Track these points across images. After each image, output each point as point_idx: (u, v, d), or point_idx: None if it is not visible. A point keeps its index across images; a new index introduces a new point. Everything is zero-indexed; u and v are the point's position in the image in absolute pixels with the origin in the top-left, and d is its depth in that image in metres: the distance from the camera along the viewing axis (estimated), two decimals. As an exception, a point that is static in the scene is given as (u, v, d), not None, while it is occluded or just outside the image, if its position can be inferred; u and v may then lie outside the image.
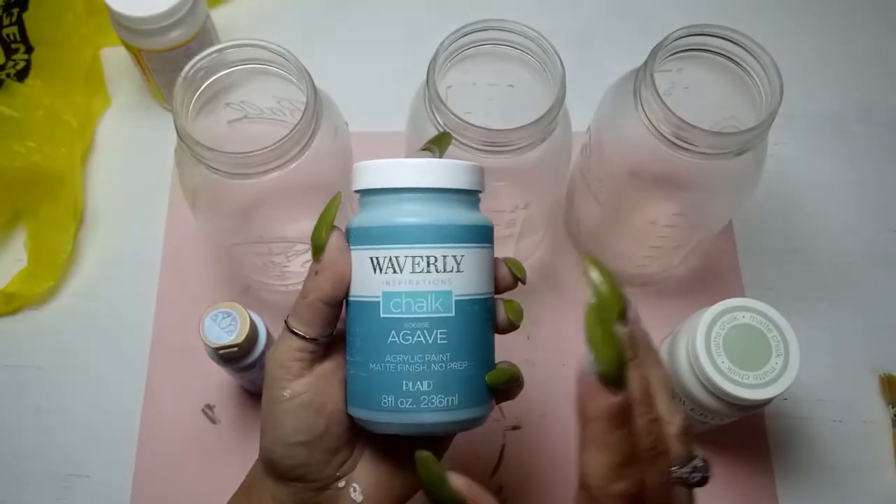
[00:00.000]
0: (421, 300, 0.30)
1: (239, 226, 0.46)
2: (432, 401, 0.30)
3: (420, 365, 0.30)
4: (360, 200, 0.33)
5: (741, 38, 0.42)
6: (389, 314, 0.30)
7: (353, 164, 0.33)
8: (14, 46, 0.59)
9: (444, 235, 0.31)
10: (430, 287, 0.30)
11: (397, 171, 0.31)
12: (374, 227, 0.31)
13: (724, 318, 0.44)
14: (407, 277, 0.30)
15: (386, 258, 0.30)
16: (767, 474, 0.52)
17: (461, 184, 0.32)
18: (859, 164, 0.62)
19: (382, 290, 0.30)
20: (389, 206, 0.31)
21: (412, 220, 0.31)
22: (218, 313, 0.43)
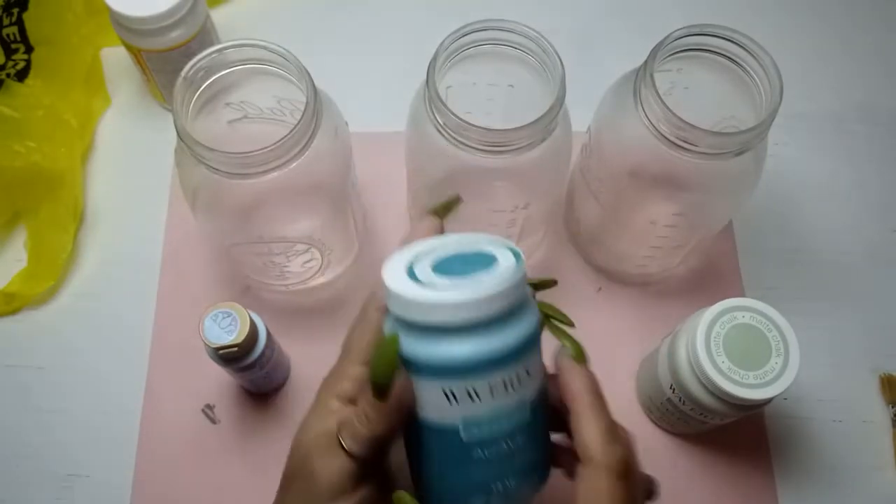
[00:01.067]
0: (503, 420, 0.30)
1: (239, 226, 0.46)
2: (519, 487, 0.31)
3: (507, 466, 0.31)
4: (406, 329, 0.31)
5: (741, 38, 0.42)
6: (471, 437, 0.30)
7: (391, 281, 0.31)
8: (14, 46, 0.59)
9: (515, 356, 0.30)
10: (509, 404, 0.30)
11: (455, 308, 0.29)
12: (444, 365, 0.30)
13: (724, 318, 0.44)
14: (486, 403, 0.30)
15: (462, 390, 0.29)
16: (767, 474, 0.52)
17: (517, 299, 0.31)
18: (859, 164, 0.62)
19: (462, 415, 0.30)
20: (451, 339, 0.30)
21: (484, 351, 0.29)
22: (218, 313, 0.43)
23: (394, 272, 0.31)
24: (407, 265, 0.31)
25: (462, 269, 0.31)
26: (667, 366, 0.46)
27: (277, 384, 0.53)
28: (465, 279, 0.30)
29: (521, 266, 0.31)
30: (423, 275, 0.30)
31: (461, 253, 0.33)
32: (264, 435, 0.52)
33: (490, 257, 0.32)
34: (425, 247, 0.33)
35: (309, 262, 0.50)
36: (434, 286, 0.29)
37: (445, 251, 0.33)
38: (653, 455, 0.52)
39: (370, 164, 0.56)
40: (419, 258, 0.32)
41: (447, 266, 0.31)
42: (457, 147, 0.41)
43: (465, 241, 0.34)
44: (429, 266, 0.31)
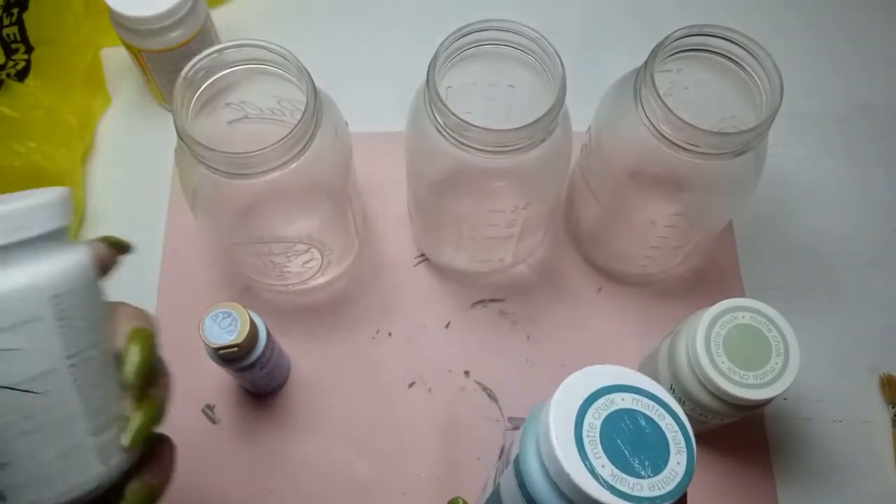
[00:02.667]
0: None
1: (239, 226, 0.46)
2: None
3: None
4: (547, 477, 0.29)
5: (741, 38, 0.42)
6: None
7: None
8: (14, 46, 0.59)
9: None
10: None
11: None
12: None
13: (724, 318, 0.44)
14: None
15: None
16: (767, 474, 0.52)
17: None
18: (860, 164, 0.62)
19: None
20: None
21: None
22: (218, 313, 0.43)
23: (563, 414, 0.28)
24: (579, 407, 0.28)
25: (631, 450, 0.28)
26: (667, 366, 0.46)
27: (277, 384, 0.53)
28: (629, 475, 0.27)
29: (688, 480, 0.28)
30: (589, 438, 0.28)
31: (634, 413, 0.29)
32: (264, 435, 0.52)
33: (663, 444, 0.29)
34: (604, 383, 0.30)
35: (309, 262, 0.50)
36: (594, 469, 0.27)
37: (622, 402, 0.29)
38: (653, 455, 0.52)
39: (370, 164, 0.56)
40: (595, 401, 0.29)
41: (615, 431, 0.28)
42: (457, 147, 0.41)
43: (647, 397, 0.30)
44: (600, 423, 0.28)
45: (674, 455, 0.28)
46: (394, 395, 0.53)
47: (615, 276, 0.57)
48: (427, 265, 0.57)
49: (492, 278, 0.57)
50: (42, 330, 0.26)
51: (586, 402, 0.28)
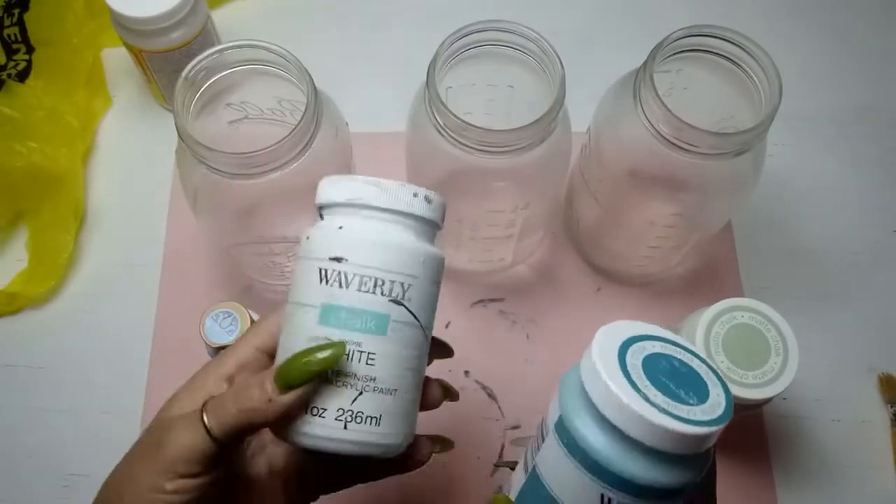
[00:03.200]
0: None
1: (239, 226, 0.46)
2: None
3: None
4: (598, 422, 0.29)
5: (740, 38, 0.42)
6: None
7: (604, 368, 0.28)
8: (15, 47, 0.59)
9: (682, 491, 0.29)
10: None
11: (674, 438, 0.27)
12: (627, 480, 0.28)
13: (723, 318, 0.44)
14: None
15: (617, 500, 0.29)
16: (766, 474, 0.52)
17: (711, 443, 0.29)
18: (859, 165, 0.62)
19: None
20: (646, 461, 0.28)
21: (670, 483, 0.28)
22: (219, 313, 0.44)
23: (606, 354, 0.29)
24: (619, 349, 0.29)
25: (675, 385, 0.29)
26: (666, 365, 0.47)
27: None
28: (679, 403, 0.28)
29: (731, 409, 0.29)
30: (635, 373, 0.28)
31: (668, 357, 0.31)
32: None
33: (700, 381, 0.30)
34: (633, 332, 0.31)
35: (309, 262, 0.50)
36: (647, 396, 0.27)
37: (653, 347, 0.31)
38: (652, 455, 0.52)
39: (370, 164, 0.56)
40: (630, 345, 0.30)
41: (656, 370, 0.29)
42: (457, 147, 0.41)
43: (672, 345, 0.32)
44: (640, 362, 0.29)
45: (712, 388, 0.29)
46: (394, 395, 0.53)
47: (614, 276, 0.57)
48: (427, 265, 0.57)
49: (492, 278, 0.57)
50: (430, 288, 0.32)
51: (623, 347, 0.29)
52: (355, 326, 0.29)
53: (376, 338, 0.30)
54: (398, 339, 0.30)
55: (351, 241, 0.30)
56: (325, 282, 0.30)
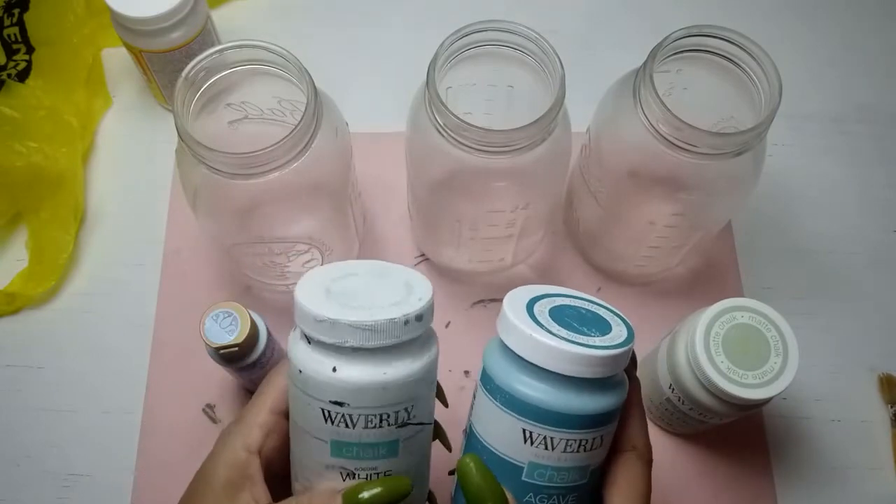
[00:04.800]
0: (565, 475, 0.31)
1: (239, 226, 0.46)
2: None
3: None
4: (511, 361, 0.32)
5: (740, 38, 0.42)
6: (531, 480, 0.31)
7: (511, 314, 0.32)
8: (15, 47, 0.59)
9: (603, 422, 0.31)
10: (577, 463, 0.31)
11: (574, 360, 0.30)
12: (539, 408, 0.31)
13: (723, 318, 0.44)
14: (558, 455, 0.31)
15: (541, 436, 0.31)
16: (766, 474, 0.52)
17: (621, 367, 0.32)
18: (859, 165, 0.62)
19: (530, 459, 0.31)
20: (555, 389, 0.31)
21: (584, 408, 0.31)
22: (219, 313, 0.44)
23: (515, 305, 0.32)
24: (526, 303, 0.32)
25: (578, 324, 0.32)
26: (666, 366, 0.47)
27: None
28: (581, 335, 0.31)
29: (632, 340, 0.32)
30: (542, 317, 0.31)
31: (575, 307, 0.34)
32: None
33: (604, 321, 0.33)
34: (542, 291, 0.34)
35: (309, 262, 0.50)
36: (551, 331, 0.30)
37: (561, 301, 0.34)
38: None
39: (370, 164, 0.56)
40: (537, 301, 0.33)
41: (562, 315, 0.32)
42: (457, 147, 0.41)
43: (581, 300, 0.35)
44: (547, 310, 0.32)
45: (615, 326, 0.32)
46: (394, 395, 0.53)
47: (614, 276, 0.57)
48: (427, 265, 0.58)
49: (492, 278, 0.57)
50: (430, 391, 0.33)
51: (531, 301, 0.33)
52: (367, 456, 0.31)
53: (389, 459, 0.31)
54: (410, 449, 0.32)
55: (350, 387, 0.30)
56: (331, 422, 0.30)
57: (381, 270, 0.34)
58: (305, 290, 0.31)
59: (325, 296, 0.30)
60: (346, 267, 0.34)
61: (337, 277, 0.32)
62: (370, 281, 0.32)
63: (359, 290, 0.31)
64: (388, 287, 0.32)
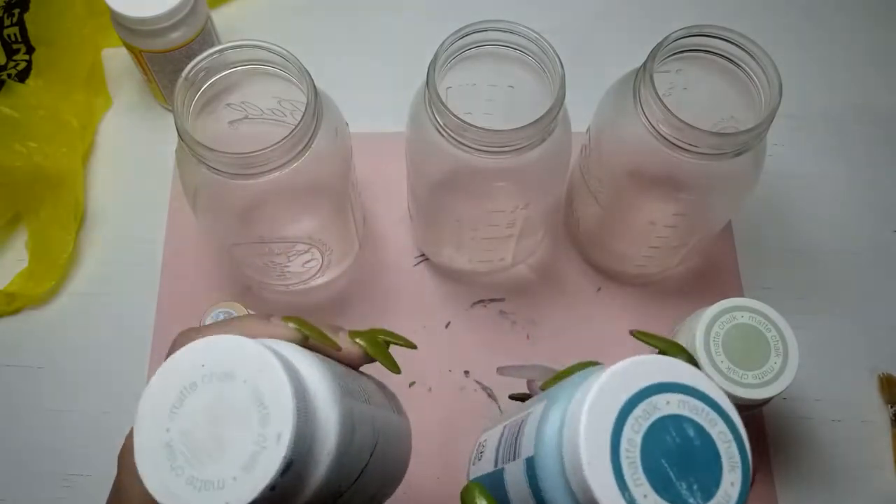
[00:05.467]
0: None
1: (239, 226, 0.46)
2: None
3: None
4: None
5: (740, 38, 0.42)
6: None
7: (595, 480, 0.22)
8: (15, 47, 0.59)
9: None
10: None
11: None
12: None
13: (723, 318, 0.44)
14: None
15: None
16: (766, 474, 0.52)
17: None
18: (859, 165, 0.62)
19: None
20: None
21: None
22: (219, 313, 0.44)
23: (598, 422, 0.23)
24: (615, 421, 0.23)
25: (678, 473, 0.23)
26: (666, 366, 0.46)
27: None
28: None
29: (745, 495, 0.23)
30: (629, 462, 0.23)
31: (682, 422, 0.24)
32: None
33: (715, 458, 0.23)
34: (646, 382, 0.24)
35: (309, 262, 0.50)
36: (635, 499, 0.22)
37: (666, 408, 0.24)
38: (652, 455, 0.52)
39: (370, 164, 0.56)
40: (633, 408, 0.24)
41: (660, 449, 0.23)
42: (457, 147, 0.41)
43: (696, 396, 0.24)
44: (640, 439, 0.23)
45: (727, 473, 0.23)
46: (394, 395, 0.53)
47: (614, 276, 0.57)
48: (427, 265, 0.58)
49: (492, 278, 0.57)
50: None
51: (625, 410, 0.23)
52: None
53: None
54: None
55: None
56: None
57: (224, 368, 0.25)
58: (144, 444, 0.24)
59: (165, 454, 0.24)
60: (183, 370, 0.25)
61: (174, 405, 0.25)
62: (213, 404, 0.24)
63: (202, 429, 0.24)
64: (237, 417, 0.24)
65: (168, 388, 0.25)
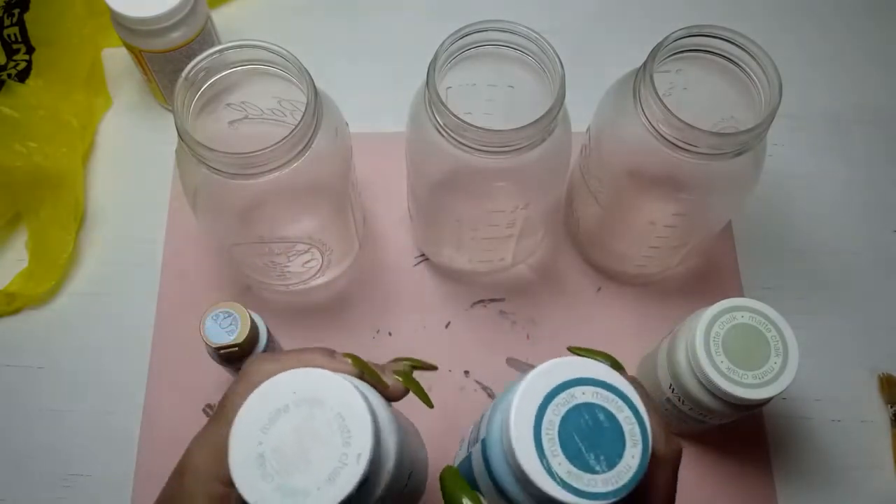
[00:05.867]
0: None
1: (239, 226, 0.46)
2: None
3: None
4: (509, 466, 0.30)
5: (740, 38, 0.42)
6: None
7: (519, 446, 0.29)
8: (15, 47, 0.59)
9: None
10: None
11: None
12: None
13: (723, 318, 0.44)
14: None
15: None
16: (766, 474, 0.52)
17: None
18: (859, 165, 0.62)
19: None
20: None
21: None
22: (219, 313, 0.44)
23: (523, 411, 0.29)
24: (538, 406, 0.29)
25: (588, 448, 0.29)
26: (666, 366, 0.47)
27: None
28: (584, 472, 0.29)
29: (643, 470, 0.29)
30: (548, 438, 0.29)
31: (595, 410, 0.30)
32: None
33: (620, 438, 0.29)
34: (566, 377, 0.30)
35: (309, 262, 0.50)
36: (552, 466, 0.28)
37: (582, 396, 0.30)
38: (652, 455, 0.52)
39: (370, 164, 0.56)
40: (554, 398, 0.30)
41: (574, 428, 0.29)
42: (457, 148, 0.41)
43: (608, 389, 0.30)
44: (558, 421, 0.29)
45: (629, 448, 0.29)
46: (394, 395, 0.53)
47: (614, 276, 0.57)
48: (427, 265, 0.58)
49: (492, 278, 0.57)
50: None
51: (548, 398, 0.30)
52: None
53: None
54: None
55: None
56: None
57: (313, 396, 0.29)
58: (239, 454, 0.28)
59: (258, 466, 0.28)
60: (277, 395, 0.29)
61: (267, 424, 0.29)
62: (302, 425, 0.29)
63: (290, 445, 0.28)
64: (322, 437, 0.28)
65: (263, 408, 0.29)
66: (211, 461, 0.31)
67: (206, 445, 0.32)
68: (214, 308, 0.44)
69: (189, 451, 0.33)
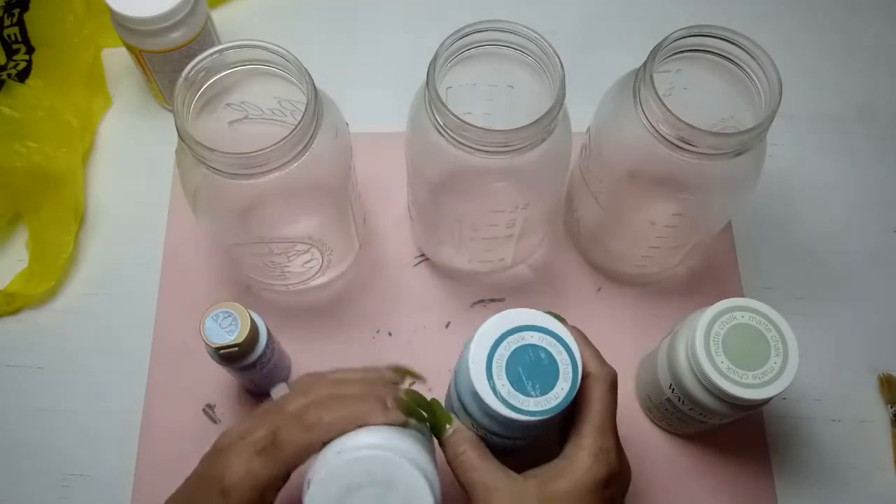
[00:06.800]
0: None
1: (239, 226, 0.46)
2: None
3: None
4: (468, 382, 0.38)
5: (740, 38, 0.42)
6: None
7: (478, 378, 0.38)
8: (15, 47, 0.59)
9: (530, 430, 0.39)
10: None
11: (504, 422, 0.37)
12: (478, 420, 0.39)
13: (723, 318, 0.44)
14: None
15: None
16: (766, 474, 0.52)
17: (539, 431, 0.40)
18: (859, 165, 0.62)
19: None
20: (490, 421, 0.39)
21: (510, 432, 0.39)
22: (219, 313, 0.44)
23: (482, 343, 0.38)
24: (493, 341, 0.38)
25: (527, 377, 0.37)
26: (666, 366, 0.47)
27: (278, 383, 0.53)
28: (521, 395, 0.37)
29: (570, 399, 0.37)
30: (497, 366, 0.37)
31: (538, 350, 0.38)
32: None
33: (555, 373, 0.37)
34: (519, 322, 0.38)
35: (309, 262, 0.50)
36: (496, 386, 0.37)
37: (529, 338, 0.38)
38: (652, 454, 0.52)
39: (370, 164, 0.56)
40: (506, 338, 0.38)
41: (519, 361, 0.37)
42: (457, 148, 0.41)
43: (552, 336, 0.38)
44: (507, 355, 0.37)
45: (561, 381, 0.37)
46: (394, 395, 0.53)
47: (614, 276, 0.57)
48: (427, 265, 0.58)
49: (492, 278, 0.57)
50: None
51: (500, 339, 0.38)
52: None
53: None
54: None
55: None
56: None
57: (386, 479, 0.35)
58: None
59: None
60: (355, 475, 0.35)
61: (343, 496, 0.34)
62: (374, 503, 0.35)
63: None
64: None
65: (338, 484, 0.34)
66: (238, 489, 0.36)
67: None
68: (214, 308, 0.44)
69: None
